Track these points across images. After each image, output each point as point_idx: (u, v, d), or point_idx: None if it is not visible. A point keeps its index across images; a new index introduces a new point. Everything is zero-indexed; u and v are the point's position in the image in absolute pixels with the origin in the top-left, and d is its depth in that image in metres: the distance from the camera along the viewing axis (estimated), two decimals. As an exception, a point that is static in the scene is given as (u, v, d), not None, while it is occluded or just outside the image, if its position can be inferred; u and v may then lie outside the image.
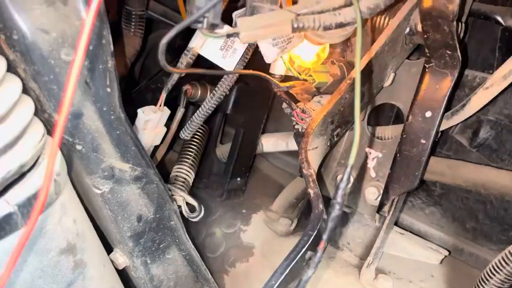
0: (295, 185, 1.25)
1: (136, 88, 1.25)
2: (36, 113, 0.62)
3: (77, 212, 0.68)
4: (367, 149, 1.12)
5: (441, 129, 1.01)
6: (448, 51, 0.83)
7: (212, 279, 1.07)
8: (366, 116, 1.12)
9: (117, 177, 0.74)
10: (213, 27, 0.56)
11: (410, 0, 0.92)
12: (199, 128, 1.16)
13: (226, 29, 0.60)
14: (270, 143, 1.34)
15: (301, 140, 0.81)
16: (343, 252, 1.15)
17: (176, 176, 1.06)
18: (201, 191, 1.32)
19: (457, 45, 0.80)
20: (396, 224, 1.24)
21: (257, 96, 1.24)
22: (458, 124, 1.24)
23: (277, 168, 1.49)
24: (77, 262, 0.67)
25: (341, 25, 0.58)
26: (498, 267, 0.85)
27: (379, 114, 1.20)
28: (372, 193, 1.08)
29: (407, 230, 1.21)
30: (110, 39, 0.62)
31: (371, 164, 1.11)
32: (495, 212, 1.21)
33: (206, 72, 0.78)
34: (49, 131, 0.63)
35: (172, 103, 1.09)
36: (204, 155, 1.32)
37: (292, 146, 1.31)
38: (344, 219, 1.16)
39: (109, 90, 0.65)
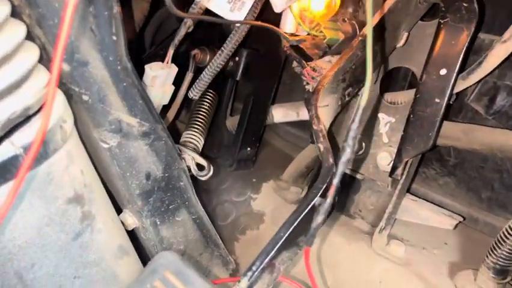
0: (305, 154, 1.24)
1: (145, 54, 1.24)
2: (42, 62, 0.62)
3: (84, 163, 0.68)
4: (380, 114, 1.10)
5: (458, 90, 0.98)
6: (464, 4, 0.80)
7: (222, 244, 1.06)
8: (379, 81, 1.10)
9: (124, 131, 0.73)
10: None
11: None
12: (208, 94, 1.15)
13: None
14: (280, 112, 1.32)
15: (312, 97, 0.79)
16: (355, 220, 1.14)
17: (185, 141, 1.05)
18: (211, 161, 1.31)
19: (474, -4, 0.77)
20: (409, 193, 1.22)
21: (267, 64, 1.21)
22: (474, 91, 1.21)
23: (288, 142, 1.47)
24: (85, 213, 0.66)
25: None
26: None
27: (392, 81, 1.17)
28: (384, 158, 1.06)
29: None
30: (115, -17, 0.60)
31: (383, 129, 1.09)
32: (511, 181, 1.18)
33: (213, 19, 0.76)
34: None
35: (181, 70, 1.08)
36: (214, 126, 1.31)
37: (304, 115, 1.29)
38: (356, 186, 1.14)
39: (114, 38, 0.64)
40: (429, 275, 0.96)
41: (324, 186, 0.67)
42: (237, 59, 1.16)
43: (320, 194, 0.67)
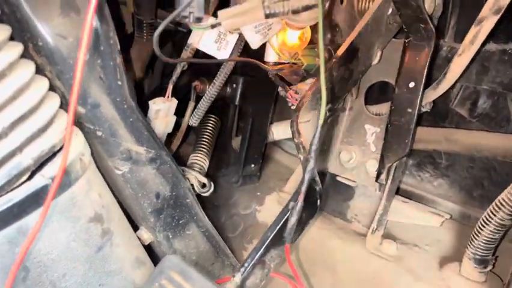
0: (304, 166, 1.35)
1: (154, 87, 1.39)
2: (62, 107, 0.75)
3: (101, 188, 0.81)
4: (366, 126, 1.21)
5: (431, 99, 1.09)
6: (421, 25, 0.91)
7: (231, 254, 1.17)
8: (363, 95, 1.21)
9: (134, 158, 0.86)
10: (198, 20, 0.67)
11: (387, -15, 1.01)
12: (211, 119, 1.28)
13: (211, 21, 0.71)
14: (279, 130, 1.44)
15: (294, 114, 0.91)
16: (352, 224, 1.24)
17: (192, 163, 1.18)
18: (220, 179, 1.43)
19: (428, 19, 0.88)
20: (407, 197, 1.31)
21: (263, 87, 1.34)
22: (457, 97, 1.31)
23: (290, 155, 1.58)
24: (105, 230, 0.79)
25: (307, 8, 0.68)
26: (487, 219, 0.92)
27: (376, 94, 1.28)
28: (373, 165, 1.17)
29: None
30: (117, 40, 0.74)
31: (370, 139, 1.20)
32: (499, 178, 1.26)
33: (200, 61, 0.89)
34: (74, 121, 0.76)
35: (184, 100, 1.22)
36: (221, 146, 1.43)
37: (301, 131, 1.41)
38: (350, 193, 1.24)
39: (119, 83, 0.78)
40: (419, 269, 1.05)
41: (304, 191, 0.78)
42: (234, 85, 1.29)
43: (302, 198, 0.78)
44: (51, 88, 0.74)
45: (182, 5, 0.61)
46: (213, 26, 0.68)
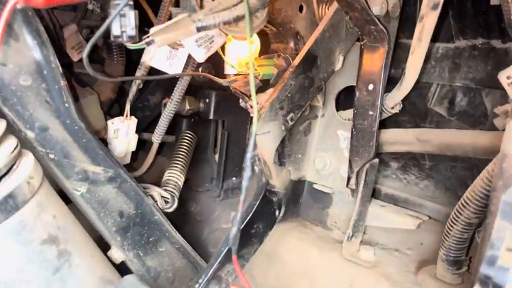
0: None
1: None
2: (10, 131, 0.77)
3: (56, 209, 0.81)
4: (339, 132, 1.20)
5: (397, 101, 1.07)
6: (371, 27, 0.90)
7: (210, 269, 1.17)
8: (333, 102, 1.20)
9: (91, 179, 0.87)
10: (131, 39, 0.68)
11: (343, -12, 1.01)
12: (186, 136, 1.29)
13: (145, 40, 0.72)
14: (259, 141, 1.44)
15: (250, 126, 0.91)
16: (332, 231, 1.22)
17: (167, 179, 1.18)
18: (201, 194, 1.43)
19: (376, 20, 0.88)
20: (395, 202, 1.29)
21: (236, 100, 1.34)
22: (434, 96, 1.29)
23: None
24: (61, 251, 0.80)
25: (238, 18, 0.68)
26: (455, 219, 0.90)
27: (347, 99, 1.27)
28: (346, 171, 1.15)
29: (404, 207, 1.26)
30: (58, 63, 0.76)
31: (343, 144, 1.18)
32: (482, 176, 1.23)
33: (151, 78, 0.89)
34: (22, 144, 0.77)
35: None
36: (202, 161, 1.43)
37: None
38: (328, 200, 1.23)
39: (67, 105, 0.79)
40: (396, 275, 1.02)
41: (258, 202, 0.78)
42: (207, 100, 1.30)
43: (254, 208, 0.78)
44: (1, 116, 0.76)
45: (104, 26, 0.62)
46: (147, 44, 0.69)
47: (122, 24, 0.67)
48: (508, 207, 0.56)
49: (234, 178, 1.42)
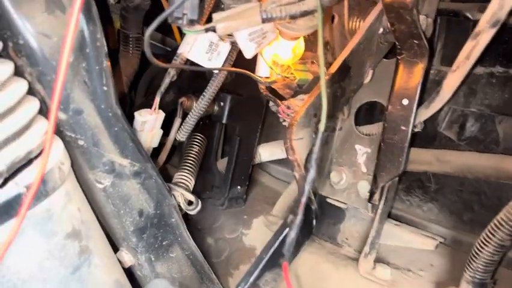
0: (293, 188, 1.30)
1: (138, 104, 1.34)
2: (42, 113, 0.70)
3: (81, 202, 0.74)
4: (356, 146, 1.18)
5: (424, 118, 1.07)
6: (415, 41, 0.90)
7: (216, 279, 1.10)
8: (353, 115, 1.19)
9: (117, 171, 0.80)
10: (192, 23, 0.64)
11: (380, 3, 1.01)
12: (197, 138, 1.24)
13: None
14: (266, 151, 1.40)
15: (287, 131, 0.88)
16: (342, 248, 1.19)
17: (177, 181, 1.12)
18: (204, 202, 1.37)
19: (422, 34, 0.88)
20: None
21: (251, 106, 1.31)
22: (445, 120, 1.30)
23: (277, 180, 1.54)
24: (83, 248, 0.72)
25: (305, 13, 0.66)
26: (486, 240, 0.89)
27: (367, 114, 1.26)
28: (364, 187, 1.13)
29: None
30: (104, 42, 0.70)
31: (361, 159, 1.17)
32: (489, 202, 1.24)
33: (191, 68, 0.85)
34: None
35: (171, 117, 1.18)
36: (205, 168, 1.38)
37: (288, 152, 1.37)
38: (341, 215, 1.20)
39: (105, 88, 0.73)
40: (415, 295, 1.00)
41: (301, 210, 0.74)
42: (222, 103, 1.26)
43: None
44: (31, 92, 0.69)
45: (175, 4, 0.57)
46: (206, 30, 0.65)
47: (185, 6, 0.62)
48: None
49: (238, 187, 1.37)
